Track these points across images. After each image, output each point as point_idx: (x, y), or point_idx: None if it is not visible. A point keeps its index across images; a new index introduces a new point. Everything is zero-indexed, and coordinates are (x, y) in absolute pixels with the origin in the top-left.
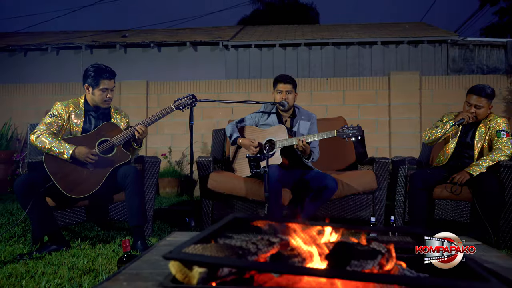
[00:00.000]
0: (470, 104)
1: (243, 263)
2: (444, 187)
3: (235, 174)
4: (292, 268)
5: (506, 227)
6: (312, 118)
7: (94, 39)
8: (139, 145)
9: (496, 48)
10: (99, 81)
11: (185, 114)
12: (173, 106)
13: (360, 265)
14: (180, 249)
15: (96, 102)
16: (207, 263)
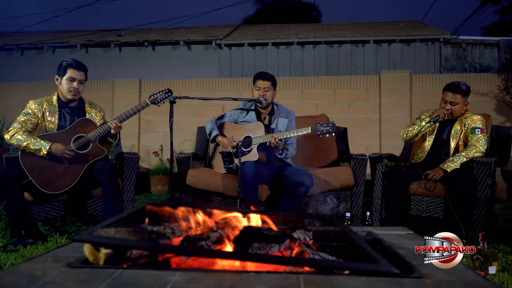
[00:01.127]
0: (445, 101)
1: (146, 244)
2: (419, 184)
3: (213, 170)
4: (193, 250)
5: (478, 222)
6: (291, 115)
7: (90, 38)
8: (115, 139)
9: (489, 46)
10: (67, 70)
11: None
12: (148, 100)
13: (263, 248)
14: (91, 231)
15: (63, 92)
16: (111, 245)
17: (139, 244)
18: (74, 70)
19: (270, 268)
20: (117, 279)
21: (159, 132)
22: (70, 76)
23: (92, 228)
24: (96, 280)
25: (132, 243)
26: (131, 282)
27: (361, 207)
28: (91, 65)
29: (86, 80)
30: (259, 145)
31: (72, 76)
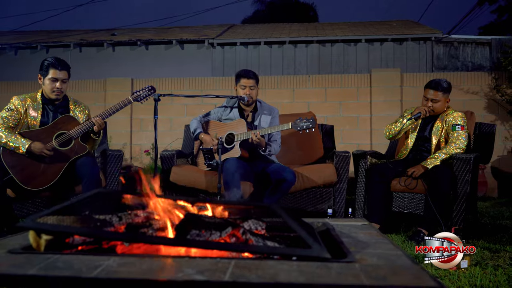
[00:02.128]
0: (427, 98)
1: (84, 230)
2: (399, 181)
3: (197, 168)
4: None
5: (458, 218)
6: (274, 112)
7: (83, 38)
8: (98, 136)
9: (480, 45)
10: (49, 70)
11: (171, 111)
12: (130, 98)
13: (202, 235)
14: (35, 218)
15: (46, 92)
16: (51, 231)
17: (77, 230)
18: (56, 70)
19: (209, 254)
20: (51, 264)
21: (151, 131)
22: (53, 77)
23: (36, 215)
24: (30, 264)
25: (70, 229)
26: (62, 266)
27: (344, 204)
28: (85, 65)
29: (69, 78)
30: (242, 142)
31: (54, 77)
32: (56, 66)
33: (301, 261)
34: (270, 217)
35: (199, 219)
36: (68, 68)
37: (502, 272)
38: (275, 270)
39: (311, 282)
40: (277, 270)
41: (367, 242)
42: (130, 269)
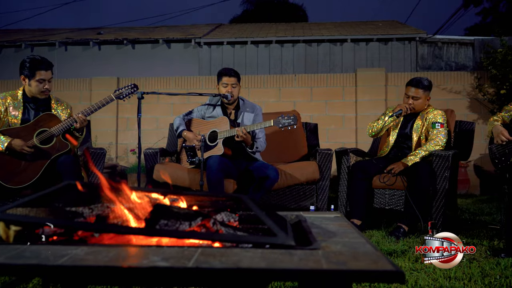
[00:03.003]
0: (408, 96)
1: (54, 221)
2: (378, 178)
3: (180, 165)
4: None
5: (437, 214)
6: (257, 109)
7: (69, 37)
8: (81, 133)
9: (464, 45)
10: (35, 72)
11: (157, 110)
12: (113, 95)
13: (171, 225)
14: (3, 209)
15: (33, 93)
16: (19, 222)
17: (45, 220)
18: (42, 71)
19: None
20: (19, 254)
21: (137, 130)
22: (41, 78)
23: (5, 207)
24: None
25: (38, 220)
26: (30, 255)
27: (327, 201)
28: (70, 63)
29: (52, 77)
30: (226, 139)
31: (42, 78)
32: (42, 67)
33: (267, 249)
34: (244, 210)
35: (168, 210)
36: (52, 66)
37: (477, 265)
38: (239, 257)
39: (272, 267)
40: (241, 257)
41: (335, 232)
42: (97, 257)
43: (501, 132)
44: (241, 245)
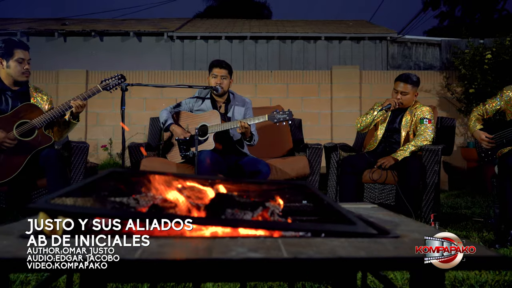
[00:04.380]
0: (396, 91)
1: (110, 212)
2: (368, 173)
3: (167, 160)
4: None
5: (427, 208)
6: (247, 103)
7: (31, 27)
8: (78, 119)
9: (432, 46)
10: (13, 51)
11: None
12: (99, 86)
13: (237, 214)
14: (47, 199)
15: (13, 75)
16: (72, 213)
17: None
18: (21, 50)
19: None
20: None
21: (108, 126)
22: (20, 57)
23: (46, 197)
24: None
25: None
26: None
27: None
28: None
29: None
30: (216, 134)
31: (21, 57)
32: (21, 46)
33: (347, 238)
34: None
35: (231, 198)
36: (29, 48)
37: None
38: (329, 246)
39: (372, 256)
40: (331, 246)
41: (393, 221)
42: (174, 249)
43: (481, 138)
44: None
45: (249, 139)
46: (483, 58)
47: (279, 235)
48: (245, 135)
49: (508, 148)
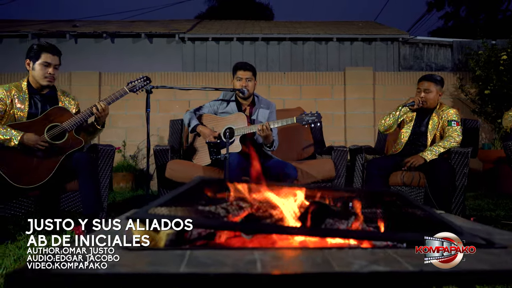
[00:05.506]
0: (420, 90)
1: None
2: (399, 175)
3: (193, 163)
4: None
5: (457, 210)
6: (272, 106)
7: (43, 28)
8: (102, 125)
9: (443, 47)
10: (41, 54)
11: (140, 107)
12: (126, 88)
13: (335, 224)
14: (146, 210)
15: (36, 79)
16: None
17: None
18: (49, 54)
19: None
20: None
21: (121, 128)
22: (45, 61)
23: (146, 207)
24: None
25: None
26: (210, 262)
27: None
28: None
29: (60, 65)
30: (242, 136)
31: (47, 61)
32: (49, 50)
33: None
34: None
35: (327, 208)
36: (61, 54)
37: None
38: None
39: (496, 268)
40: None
41: (482, 229)
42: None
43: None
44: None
45: (270, 145)
46: (498, 59)
47: (371, 245)
48: (267, 139)
49: None
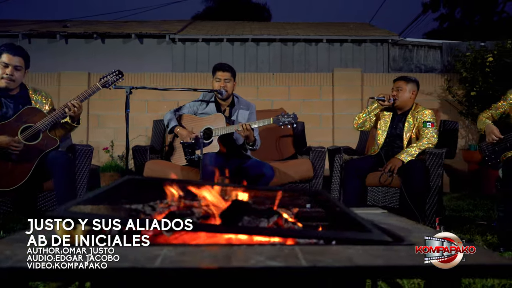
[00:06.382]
0: (392, 88)
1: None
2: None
3: (172, 163)
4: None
5: (431, 211)
6: (251, 107)
7: (33, 28)
8: (77, 122)
9: (432, 49)
10: (1, 54)
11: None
12: (99, 84)
13: (253, 222)
14: (66, 208)
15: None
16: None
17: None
18: (8, 54)
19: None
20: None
21: (110, 128)
22: (4, 62)
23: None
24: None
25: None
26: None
27: None
28: (35, 57)
29: (26, 67)
30: (221, 137)
31: (6, 62)
32: (9, 50)
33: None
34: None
35: (247, 206)
36: (24, 54)
37: None
38: (346, 254)
39: (390, 264)
40: (348, 254)
41: (406, 228)
42: (193, 257)
43: (492, 131)
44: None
45: (252, 144)
46: (484, 61)
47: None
48: (248, 139)
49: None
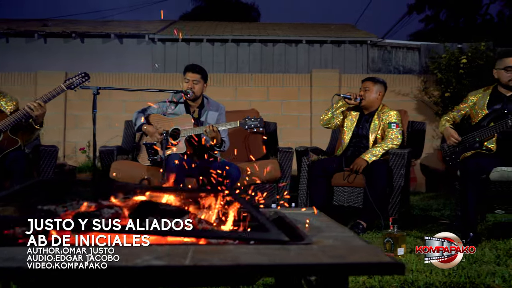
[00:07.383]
0: (360, 88)
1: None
2: (342, 175)
3: (138, 163)
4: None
5: (393, 210)
6: (221, 108)
7: (11, 28)
8: (40, 125)
9: (411, 50)
10: None
11: (108, 108)
12: (63, 85)
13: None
14: None
15: None
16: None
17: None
18: None
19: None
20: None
21: (87, 128)
22: None
23: None
24: None
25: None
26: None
27: (288, 199)
28: (13, 56)
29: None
30: (188, 138)
31: None
32: None
33: (259, 245)
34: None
35: (155, 206)
36: None
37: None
38: (235, 253)
39: (273, 263)
40: (237, 253)
41: (320, 227)
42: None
43: (450, 134)
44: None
45: (219, 145)
46: (458, 62)
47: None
48: (215, 141)
49: (471, 152)
